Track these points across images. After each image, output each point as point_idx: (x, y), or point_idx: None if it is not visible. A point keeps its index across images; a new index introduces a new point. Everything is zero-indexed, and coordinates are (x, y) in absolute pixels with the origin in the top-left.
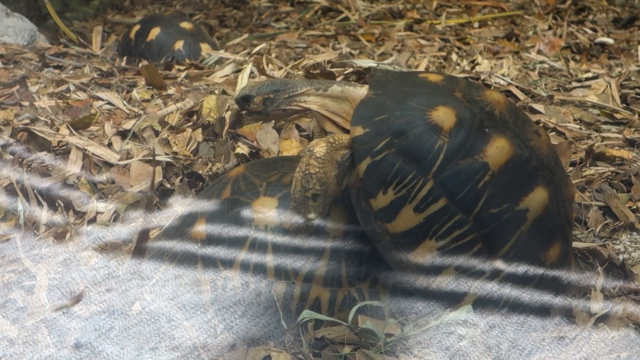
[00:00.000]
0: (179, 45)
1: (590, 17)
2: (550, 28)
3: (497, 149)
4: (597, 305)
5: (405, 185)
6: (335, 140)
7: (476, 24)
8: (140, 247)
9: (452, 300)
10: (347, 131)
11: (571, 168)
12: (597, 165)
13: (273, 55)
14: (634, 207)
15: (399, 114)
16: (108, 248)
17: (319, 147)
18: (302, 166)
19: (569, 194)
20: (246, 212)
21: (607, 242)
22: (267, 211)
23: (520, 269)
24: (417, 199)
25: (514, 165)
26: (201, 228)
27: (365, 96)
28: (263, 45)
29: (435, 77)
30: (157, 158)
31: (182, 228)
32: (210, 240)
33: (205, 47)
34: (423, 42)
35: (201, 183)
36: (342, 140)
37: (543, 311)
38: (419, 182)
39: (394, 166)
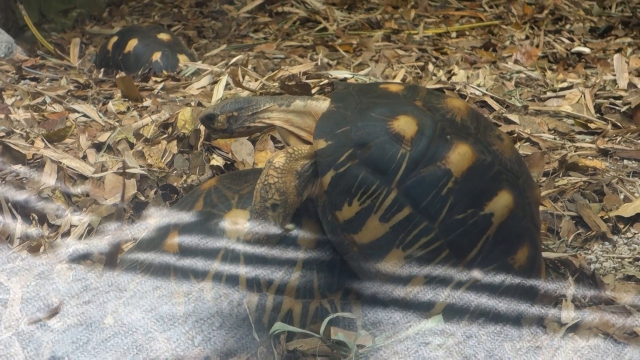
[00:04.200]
0: (157, 56)
1: (567, 26)
2: (527, 38)
3: (460, 155)
4: (568, 315)
5: (369, 196)
6: (295, 151)
7: (454, 34)
8: (111, 259)
9: (423, 308)
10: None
11: (544, 178)
12: (570, 176)
13: (250, 66)
14: (606, 216)
15: (361, 125)
16: (82, 261)
17: (278, 158)
18: (262, 177)
19: (535, 197)
20: (218, 225)
21: (579, 251)
22: (238, 224)
23: (488, 273)
24: (382, 209)
25: (477, 171)
26: (173, 241)
27: (326, 109)
28: (240, 56)
29: (395, 87)
30: (132, 170)
31: (155, 241)
32: (183, 252)
33: (182, 59)
34: (401, 52)
35: (176, 195)
36: (301, 151)
37: (514, 319)
38: (383, 191)
39: (357, 177)
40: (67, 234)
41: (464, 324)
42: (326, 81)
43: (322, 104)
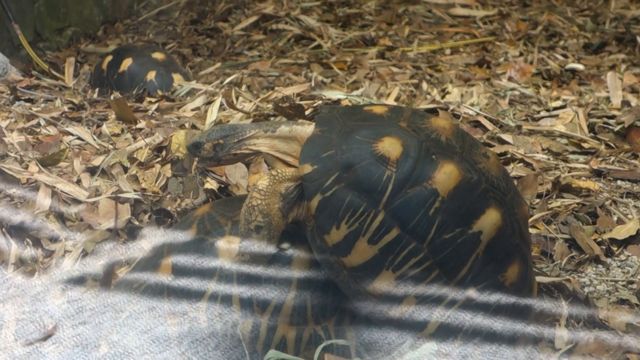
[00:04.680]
0: (151, 76)
1: (561, 42)
2: (521, 54)
3: (445, 175)
4: (562, 340)
5: (357, 219)
6: (278, 173)
7: (448, 51)
8: (105, 282)
9: (416, 329)
10: None
11: (538, 200)
12: (563, 197)
13: (243, 88)
14: (599, 239)
15: (346, 148)
16: (76, 285)
17: (261, 180)
18: (247, 200)
19: (523, 213)
20: (211, 251)
21: (572, 275)
22: (232, 250)
23: (480, 291)
24: (370, 231)
25: (464, 189)
26: (167, 268)
27: (311, 134)
28: (235, 75)
29: (380, 109)
30: (126, 195)
31: (148, 266)
32: (176, 280)
33: (177, 78)
34: (395, 69)
35: (170, 219)
36: (285, 173)
37: (508, 338)
38: (370, 214)
39: (344, 201)
40: (61, 258)
41: (458, 344)
42: (320, 102)
43: (307, 129)
